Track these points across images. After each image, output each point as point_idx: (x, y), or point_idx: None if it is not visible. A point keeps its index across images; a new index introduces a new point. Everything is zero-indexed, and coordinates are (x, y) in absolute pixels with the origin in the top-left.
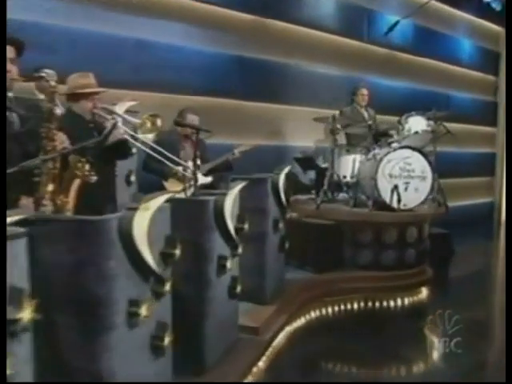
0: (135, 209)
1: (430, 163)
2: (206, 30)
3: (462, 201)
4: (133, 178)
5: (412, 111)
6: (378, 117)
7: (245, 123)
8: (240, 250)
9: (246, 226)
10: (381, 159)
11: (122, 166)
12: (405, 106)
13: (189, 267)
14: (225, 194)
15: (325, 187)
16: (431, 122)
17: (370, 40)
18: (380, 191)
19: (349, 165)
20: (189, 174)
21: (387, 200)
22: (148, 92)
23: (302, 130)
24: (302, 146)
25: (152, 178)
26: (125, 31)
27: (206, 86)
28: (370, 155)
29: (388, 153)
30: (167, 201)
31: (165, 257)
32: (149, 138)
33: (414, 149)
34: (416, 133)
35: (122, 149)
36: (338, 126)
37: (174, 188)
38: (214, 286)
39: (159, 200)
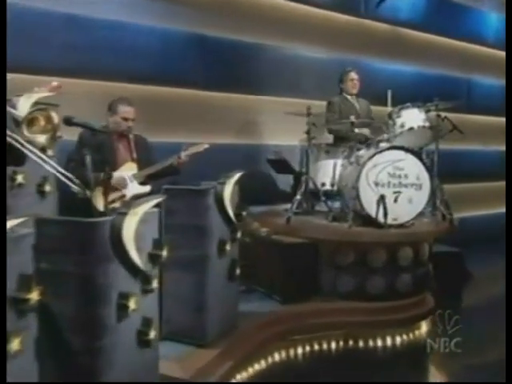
0: (125, 214)
1: (427, 167)
2: (157, 2)
3: (483, 210)
4: (48, 188)
5: (420, 102)
6: (379, 110)
7: (207, 118)
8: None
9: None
10: (364, 163)
11: (34, 173)
12: (413, 95)
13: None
14: (124, 214)
15: (297, 197)
16: (433, 116)
17: (368, 14)
18: (363, 203)
19: (328, 169)
20: (123, 183)
21: (372, 214)
22: (80, 79)
23: (282, 125)
24: (282, 145)
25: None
26: (52, 5)
27: (157, 72)
28: (353, 158)
29: (373, 155)
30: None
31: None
32: (40, 140)
33: (407, 150)
34: (411, 129)
35: (12, 152)
36: (315, 121)
37: (98, 202)
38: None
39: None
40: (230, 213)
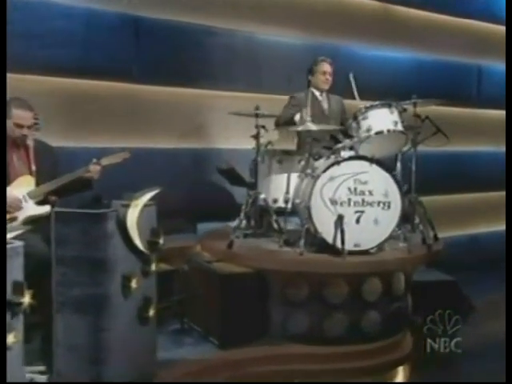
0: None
1: (397, 181)
2: None
3: (493, 226)
4: None
5: (415, 96)
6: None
7: (142, 118)
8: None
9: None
10: (318, 176)
11: None
12: (409, 88)
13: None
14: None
15: (242, 216)
16: (410, 116)
17: None
18: (316, 225)
19: (282, 182)
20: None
21: (329, 238)
22: None
23: (238, 125)
24: (240, 149)
25: None
26: None
27: (78, 61)
28: (309, 169)
29: (329, 167)
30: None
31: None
32: None
33: (371, 160)
34: (379, 134)
35: None
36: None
37: None
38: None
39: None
40: (138, 242)
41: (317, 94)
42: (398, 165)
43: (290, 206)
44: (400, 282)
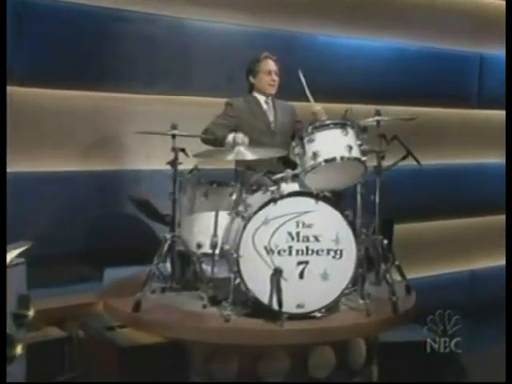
0: None
1: (350, 222)
2: None
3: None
4: None
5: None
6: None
7: (27, 130)
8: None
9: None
10: (249, 218)
11: None
12: (392, 88)
13: None
14: None
15: (154, 266)
16: (371, 137)
17: None
18: (246, 281)
19: (208, 222)
20: None
21: (263, 298)
22: None
23: (163, 140)
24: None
25: None
26: None
27: None
28: (241, 206)
29: (263, 206)
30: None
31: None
32: None
33: (317, 196)
34: (330, 161)
35: None
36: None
37: None
38: None
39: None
40: None
41: (261, 100)
42: (359, 198)
43: (218, 251)
44: (359, 350)
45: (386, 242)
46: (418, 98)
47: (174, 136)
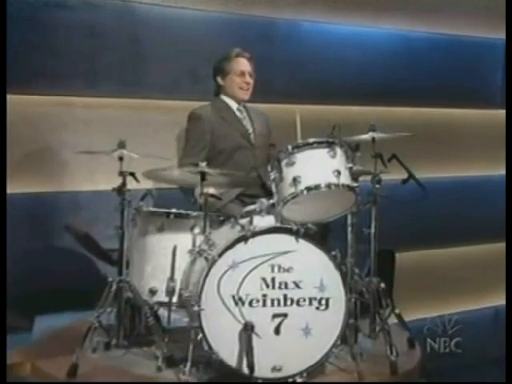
0: None
1: (337, 264)
2: None
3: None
4: None
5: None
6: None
7: None
8: None
9: None
10: (214, 261)
11: None
12: (397, 79)
13: None
14: None
15: (97, 312)
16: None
17: None
18: (209, 338)
19: (163, 263)
20: None
21: (231, 360)
22: None
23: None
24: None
25: None
26: None
27: None
28: (205, 244)
29: (230, 246)
30: None
31: None
32: None
33: (298, 233)
34: (314, 189)
35: None
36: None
37: None
38: None
39: None
40: None
41: (233, 106)
42: (349, 231)
43: (176, 300)
44: None
45: (383, 285)
46: (427, 97)
47: (121, 158)
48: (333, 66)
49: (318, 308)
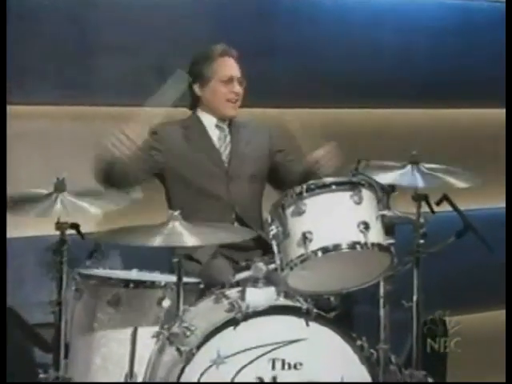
0: None
1: (364, 356)
2: None
3: None
4: None
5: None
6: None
7: None
8: None
9: None
10: (192, 354)
11: None
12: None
13: None
14: None
15: None
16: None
17: None
18: None
19: (119, 350)
20: None
21: None
22: None
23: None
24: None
25: None
26: None
27: None
28: (177, 326)
29: (216, 331)
30: None
31: None
32: None
33: (308, 314)
34: (331, 251)
35: None
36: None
37: None
38: None
39: None
40: None
41: (208, 124)
42: (381, 306)
43: None
44: None
45: (430, 380)
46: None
47: (57, 188)
48: (359, 53)
49: None
